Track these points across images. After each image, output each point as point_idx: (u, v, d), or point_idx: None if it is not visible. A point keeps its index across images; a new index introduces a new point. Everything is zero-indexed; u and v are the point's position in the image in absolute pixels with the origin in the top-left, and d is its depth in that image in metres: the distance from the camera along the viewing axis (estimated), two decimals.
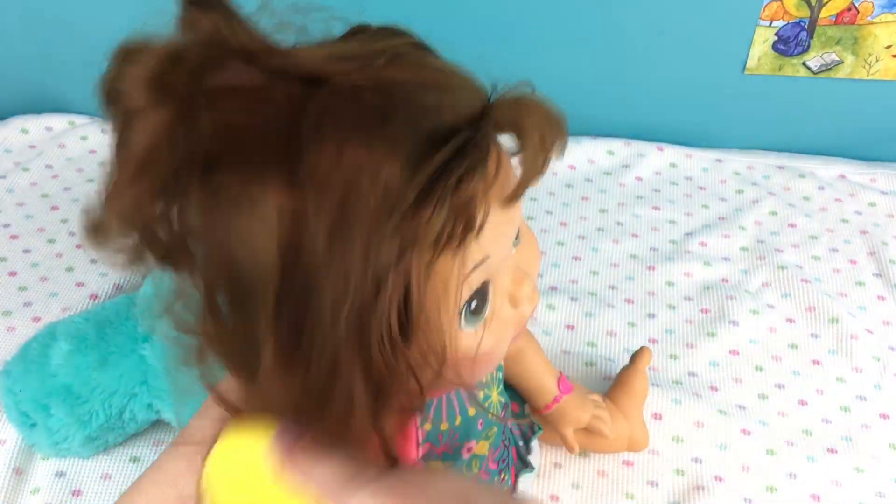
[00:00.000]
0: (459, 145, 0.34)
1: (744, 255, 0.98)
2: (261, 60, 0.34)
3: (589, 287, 0.94)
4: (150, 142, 0.32)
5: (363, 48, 0.37)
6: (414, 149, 0.33)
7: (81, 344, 0.74)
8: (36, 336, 0.76)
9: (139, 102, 0.32)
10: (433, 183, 0.33)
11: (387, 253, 0.32)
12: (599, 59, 1.05)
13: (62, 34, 1.07)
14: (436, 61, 0.39)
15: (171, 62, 0.32)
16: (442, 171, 0.33)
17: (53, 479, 0.75)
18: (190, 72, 0.32)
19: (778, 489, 0.76)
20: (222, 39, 0.33)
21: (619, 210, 1.04)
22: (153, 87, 0.32)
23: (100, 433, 0.73)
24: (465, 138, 0.34)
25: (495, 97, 0.37)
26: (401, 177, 0.33)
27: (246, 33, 0.34)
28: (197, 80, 0.33)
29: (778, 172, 1.09)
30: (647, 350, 0.78)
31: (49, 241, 0.97)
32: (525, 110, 0.37)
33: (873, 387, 0.84)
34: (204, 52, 0.33)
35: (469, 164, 0.34)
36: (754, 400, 0.83)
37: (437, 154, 0.33)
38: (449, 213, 0.33)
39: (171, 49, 0.33)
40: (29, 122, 1.12)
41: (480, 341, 0.40)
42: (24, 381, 0.72)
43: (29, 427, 0.73)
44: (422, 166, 0.33)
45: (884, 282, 0.95)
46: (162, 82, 0.32)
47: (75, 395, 0.72)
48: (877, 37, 1.00)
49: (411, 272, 0.33)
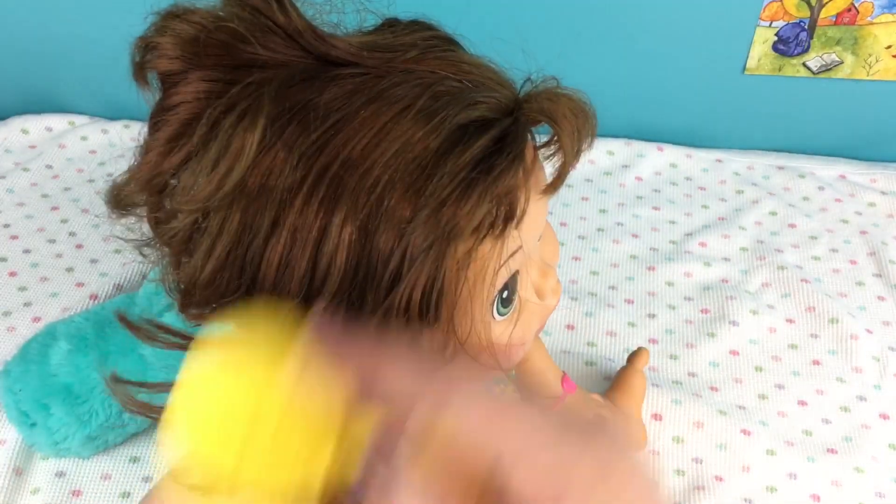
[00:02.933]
0: (498, 135, 0.34)
1: (744, 256, 0.98)
2: (302, 40, 0.35)
3: (589, 287, 0.94)
4: (191, 108, 0.33)
5: (396, 40, 0.38)
6: (451, 136, 0.34)
7: (81, 343, 0.74)
8: (36, 336, 0.76)
9: (175, 64, 0.33)
10: (476, 173, 0.33)
11: (421, 239, 0.33)
12: (599, 59, 1.05)
13: (62, 34, 1.07)
14: (465, 55, 0.40)
15: (216, 27, 0.33)
16: (483, 161, 0.33)
17: (53, 479, 0.75)
18: (231, 40, 0.33)
19: (778, 489, 0.76)
20: (267, 14, 0.34)
21: (619, 210, 1.04)
22: (192, 49, 0.33)
23: (100, 433, 0.73)
24: (503, 128, 0.35)
25: (525, 91, 0.38)
26: (436, 164, 0.33)
27: (289, 12, 0.35)
28: (237, 50, 0.34)
29: (778, 173, 1.09)
30: (645, 350, 0.78)
31: (49, 241, 0.97)
32: (559, 102, 0.37)
33: (873, 387, 0.84)
34: (248, 23, 0.34)
35: (511, 153, 0.34)
36: (754, 400, 0.83)
37: (477, 143, 0.34)
38: (492, 203, 0.34)
39: (215, 15, 0.34)
40: (29, 122, 1.11)
41: (512, 330, 0.40)
42: (24, 380, 0.73)
43: (29, 427, 0.73)
44: (461, 154, 0.33)
45: (884, 282, 0.95)
46: (202, 45, 0.33)
47: (75, 395, 0.72)
48: (877, 37, 1.00)
49: (444, 259, 0.34)
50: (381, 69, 0.36)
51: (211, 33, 0.34)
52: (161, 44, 0.34)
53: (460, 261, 0.34)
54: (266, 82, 0.34)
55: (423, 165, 0.33)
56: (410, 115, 0.34)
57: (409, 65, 0.36)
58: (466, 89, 0.36)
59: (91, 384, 0.72)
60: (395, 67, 0.36)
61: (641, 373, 0.77)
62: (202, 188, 0.33)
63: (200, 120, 0.33)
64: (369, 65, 0.36)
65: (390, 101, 0.34)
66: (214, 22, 0.34)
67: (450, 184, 0.33)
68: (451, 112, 0.34)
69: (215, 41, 0.34)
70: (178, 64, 0.34)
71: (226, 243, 0.34)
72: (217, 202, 0.33)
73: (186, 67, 0.34)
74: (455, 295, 0.35)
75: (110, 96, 1.14)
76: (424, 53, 0.37)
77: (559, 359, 0.86)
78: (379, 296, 0.33)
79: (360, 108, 0.34)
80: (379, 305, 0.34)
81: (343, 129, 0.33)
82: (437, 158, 0.33)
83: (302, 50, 0.35)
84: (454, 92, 0.36)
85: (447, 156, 0.33)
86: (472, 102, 0.35)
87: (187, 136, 0.34)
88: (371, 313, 0.34)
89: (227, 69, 0.34)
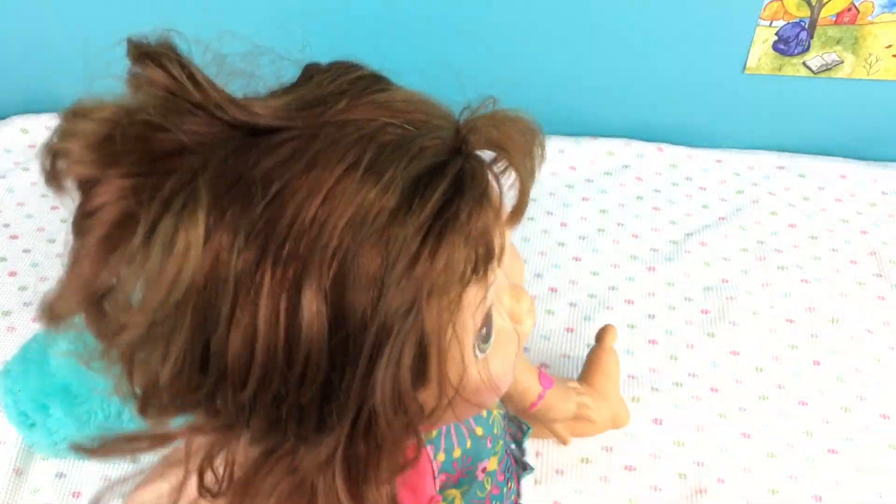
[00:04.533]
0: (454, 178, 0.33)
1: (744, 256, 0.98)
2: (223, 114, 0.32)
3: (589, 288, 0.94)
4: (117, 208, 0.31)
5: (322, 90, 0.35)
6: (406, 191, 0.32)
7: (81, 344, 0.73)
8: (35, 336, 0.76)
9: (90, 169, 0.31)
10: (442, 222, 0.31)
11: (398, 302, 0.31)
12: (599, 59, 1.05)
13: (62, 34, 1.07)
14: (397, 92, 0.37)
15: (129, 122, 0.31)
16: (445, 208, 0.32)
17: (54, 479, 0.74)
18: (147, 131, 0.31)
19: (779, 491, 0.76)
20: (181, 95, 0.32)
21: (619, 211, 1.04)
22: (106, 150, 0.30)
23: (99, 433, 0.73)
24: (457, 169, 0.33)
25: (464, 118, 0.36)
26: (399, 223, 0.31)
27: (204, 87, 0.32)
28: (156, 140, 0.31)
29: (778, 172, 1.09)
30: (612, 327, 0.77)
31: (49, 241, 0.97)
32: (503, 127, 0.36)
33: (874, 387, 0.84)
34: (162, 109, 0.31)
35: (474, 192, 0.33)
36: (755, 401, 0.83)
37: (435, 192, 0.32)
38: (468, 247, 0.32)
39: (125, 108, 0.31)
40: (29, 122, 1.11)
41: (491, 365, 0.39)
42: (23, 380, 0.72)
43: (28, 427, 0.73)
44: (423, 207, 0.31)
45: (884, 282, 0.95)
46: (117, 143, 0.30)
47: (74, 395, 0.72)
48: (877, 37, 1.00)
49: (425, 319, 0.32)
50: (313, 128, 0.33)
51: (124, 129, 0.31)
52: (71, 150, 0.31)
53: (444, 314, 0.33)
54: (198, 169, 0.31)
55: (384, 226, 0.31)
56: (358, 175, 0.31)
57: (342, 115, 0.34)
58: (409, 134, 0.34)
59: (90, 385, 0.72)
60: (329, 121, 0.34)
61: (612, 350, 0.76)
62: (150, 298, 0.31)
63: (131, 219, 0.31)
64: (300, 126, 0.33)
65: (332, 161, 0.32)
66: (126, 116, 0.31)
67: (416, 239, 0.31)
68: (400, 166, 0.32)
69: (130, 136, 0.31)
70: (94, 168, 0.31)
71: (181, 345, 0.31)
72: (169, 309, 0.31)
73: (103, 170, 0.31)
74: (445, 349, 0.34)
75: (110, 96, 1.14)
76: (355, 100, 0.35)
77: (559, 363, 0.86)
78: (360, 370, 0.32)
79: (301, 173, 0.31)
80: (367, 377, 0.32)
81: (289, 200, 0.31)
82: (398, 217, 0.31)
83: (225, 125, 0.33)
84: (396, 140, 0.33)
85: (408, 212, 0.31)
86: (418, 151, 0.33)
87: (120, 238, 0.32)
88: (357, 388, 0.32)
89: (148, 162, 0.31)
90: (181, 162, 0.32)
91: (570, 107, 1.11)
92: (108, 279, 0.33)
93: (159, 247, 0.30)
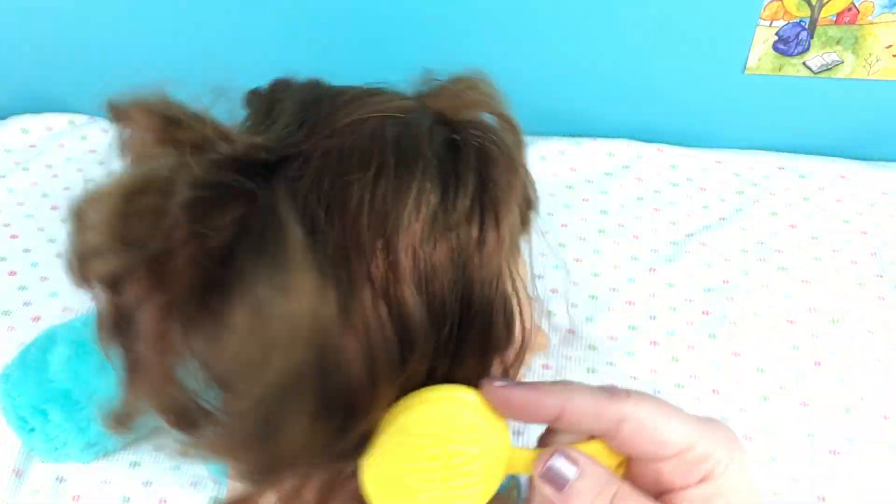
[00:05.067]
0: (476, 152, 0.33)
1: (744, 256, 0.98)
2: (228, 148, 0.31)
3: (590, 289, 0.94)
4: (156, 329, 0.29)
5: (288, 108, 0.35)
6: (441, 177, 0.32)
7: (80, 349, 0.73)
8: (35, 340, 0.75)
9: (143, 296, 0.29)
10: (489, 191, 0.32)
11: (484, 280, 0.32)
12: (599, 59, 1.05)
13: (62, 34, 1.07)
14: (354, 90, 0.37)
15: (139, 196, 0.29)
16: (485, 187, 0.33)
17: (54, 483, 0.74)
18: (197, 256, 0.29)
19: (781, 493, 0.76)
20: (176, 140, 0.30)
21: (619, 211, 1.04)
22: (157, 281, 0.29)
23: (98, 439, 0.73)
24: (465, 139, 0.34)
25: (425, 95, 0.37)
26: (453, 202, 0.32)
27: (195, 125, 0.31)
28: (201, 268, 0.29)
29: (778, 173, 1.09)
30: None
31: (49, 241, 0.96)
32: (460, 88, 0.37)
33: (874, 387, 0.84)
34: (166, 177, 0.30)
35: (499, 158, 0.34)
36: (756, 402, 0.83)
37: (468, 166, 0.33)
38: (520, 214, 0.34)
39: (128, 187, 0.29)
40: (29, 122, 1.11)
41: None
42: (22, 385, 0.72)
43: (28, 432, 0.72)
44: (466, 184, 0.32)
45: (885, 282, 0.95)
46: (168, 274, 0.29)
47: (73, 401, 0.71)
48: (877, 36, 1.00)
49: (506, 286, 0.33)
50: (321, 146, 0.33)
51: (171, 261, 0.29)
52: (91, 242, 0.30)
53: (515, 275, 0.34)
54: (251, 222, 0.30)
55: (438, 218, 0.32)
56: (391, 174, 0.32)
57: (337, 124, 0.34)
58: (409, 122, 0.34)
59: (89, 390, 0.71)
60: (330, 132, 0.33)
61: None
62: (257, 371, 0.29)
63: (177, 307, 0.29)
64: (308, 148, 0.33)
65: (360, 168, 0.31)
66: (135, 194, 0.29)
67: (475, 221, 0.32)
68: (424, 153, 0.32)
69: (145, 210, 0.29)
70: (147, 296, 0.29)
71: (310, 401, 0.30)
72: (291, 369, 0.29)
73: (156, 297, 0.29)
74: (523, 304, 0.35)
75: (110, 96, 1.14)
76: (333, 107, 0.34)
77: (560, 364, 0.86)
78: (470, 348, 0.33)
79: (340, 190, 0.31)
80: (478, 350, 0.33)
81: (346, 219, 0.31)
82: (448, 202, 0.32)
83: (231, 164, 0.31)
84: (402, 132, 0.33)
85: (455, 198, 0.32)
86: (428, 135, 0.34)
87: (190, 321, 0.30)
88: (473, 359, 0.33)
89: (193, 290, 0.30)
90: (219, 219, 0.30)
91: (570, 108, 1.11)
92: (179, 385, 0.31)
93: (254, 310, 0.28)
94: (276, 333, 0.28)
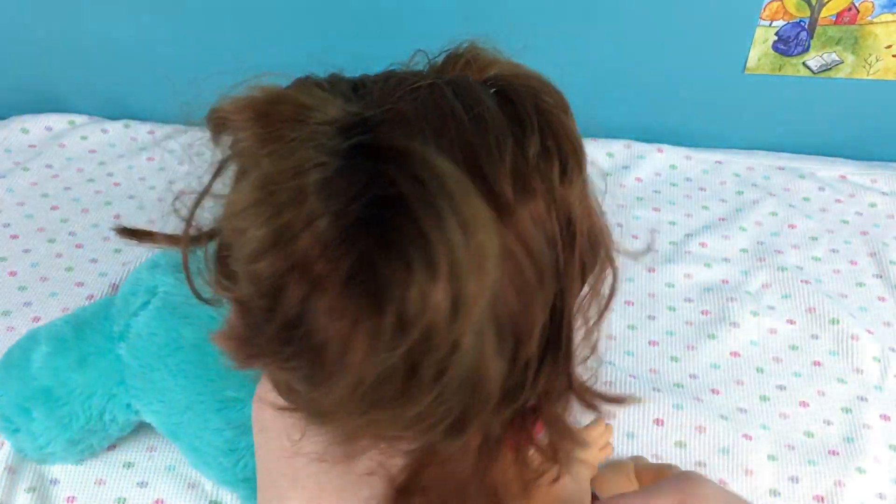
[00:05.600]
0: (517, 98, 0.36)
1: (744, 257, 0.98)
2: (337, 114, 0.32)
3: None
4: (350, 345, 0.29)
5: (363, 81, 0.36)
6: (510, 123, 0.35)
7: (60, 345, 0.72)
8: (19, 340, 0.75)
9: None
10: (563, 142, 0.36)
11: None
12: (599, 60, 1.05)
13: (62, 34, 1.07)
14: (384, 73, 0.38)
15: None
16: (543, 152, 0.35)
17: (48, 486, 0.74)
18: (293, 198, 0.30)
19: (781, 493, 0.76)
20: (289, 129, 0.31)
21: (619, 212, 1.04)
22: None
23: (82, 436, 0.72)
24: (512, 90, 0.37)
25: (434, 65, 0.38)
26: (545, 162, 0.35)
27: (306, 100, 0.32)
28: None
29: (778, 173, 1.09)
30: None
31: (49, 241, 0.96)
32: (468, 53, 0.38)
33: (874, 388, 0.84)
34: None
35: (550, 108, 0.38)
36: (755, 402, 0.83)
37: (525, 115, 0.36)
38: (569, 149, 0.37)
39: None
40: (29, 122, 1.11)
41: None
42: (5, 385, 0.71)
43: (13, 432, 0.72)
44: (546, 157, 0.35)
45: (884, 283, 0.95)
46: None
47: (55, 398, 0.70)
48: (877, 36, 1.00)
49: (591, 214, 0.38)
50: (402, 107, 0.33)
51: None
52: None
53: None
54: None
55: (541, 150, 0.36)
56: (489, 116, 0.35)
57: (399, 96, 0.34)
58: (456, 80, 0.36)
59: (70, 387, 0.71)
60: (399, 98, 0.34)
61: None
62: (466, 309, 0.29)
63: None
64: (399, 109, 0.33)
65: (454, 119, 0.33)
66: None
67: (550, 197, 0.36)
68: (485, 101, 0.35)
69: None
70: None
71: (493, 334, 0.31)
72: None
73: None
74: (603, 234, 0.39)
75: (110, 96, 1.14)
76: (392, 86, 0.35)
77: None
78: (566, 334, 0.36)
79: (460, 136, 0.33)
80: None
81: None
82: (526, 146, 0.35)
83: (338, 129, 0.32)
84: (457, 105, 0.35)
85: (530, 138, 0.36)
86: (478, 86, 0.36)
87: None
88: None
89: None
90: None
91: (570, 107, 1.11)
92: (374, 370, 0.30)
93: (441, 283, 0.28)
94: (476, 268, 0.29)
